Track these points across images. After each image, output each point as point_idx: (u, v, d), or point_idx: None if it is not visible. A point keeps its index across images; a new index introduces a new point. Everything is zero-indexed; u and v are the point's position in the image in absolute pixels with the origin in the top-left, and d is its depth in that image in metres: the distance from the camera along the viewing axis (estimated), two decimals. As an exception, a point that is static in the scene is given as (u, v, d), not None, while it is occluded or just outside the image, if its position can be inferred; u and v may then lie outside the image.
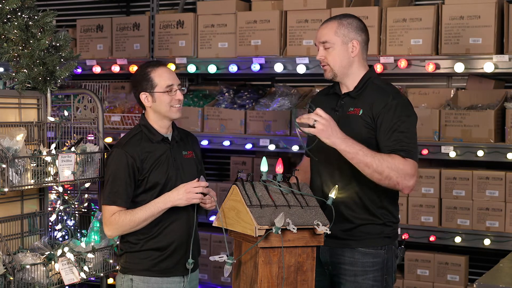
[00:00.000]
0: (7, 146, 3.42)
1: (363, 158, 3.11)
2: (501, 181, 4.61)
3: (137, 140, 3.45)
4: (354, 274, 3.30)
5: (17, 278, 3.39)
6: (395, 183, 3.15)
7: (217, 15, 5.26)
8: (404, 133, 3.21)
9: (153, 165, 3.41)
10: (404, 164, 3.14)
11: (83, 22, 5.83)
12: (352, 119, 3.30)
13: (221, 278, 5.40)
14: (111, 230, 3.42)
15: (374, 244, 3.30)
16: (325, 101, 3.45)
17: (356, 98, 3.34)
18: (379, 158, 3.12)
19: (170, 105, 3.42)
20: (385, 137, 3.22)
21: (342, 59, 3.33)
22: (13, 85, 3.75)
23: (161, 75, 3.43)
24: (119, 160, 3.40)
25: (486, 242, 4.59)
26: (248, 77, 5.89)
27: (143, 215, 3.35)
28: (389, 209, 3.34)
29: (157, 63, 3.51)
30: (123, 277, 3.50)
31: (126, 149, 3.42)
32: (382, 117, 3.23)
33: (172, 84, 3.42)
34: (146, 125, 3.48)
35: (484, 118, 4.56)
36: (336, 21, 3.35)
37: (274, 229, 2.86)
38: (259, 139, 5.10)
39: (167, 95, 3.41)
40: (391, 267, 3.35)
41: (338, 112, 3.35)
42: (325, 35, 3.33)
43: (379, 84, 3.37)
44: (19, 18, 3.66)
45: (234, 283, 3.15)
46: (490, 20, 4.50)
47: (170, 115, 3.45)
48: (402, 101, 3.29)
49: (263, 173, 3.10)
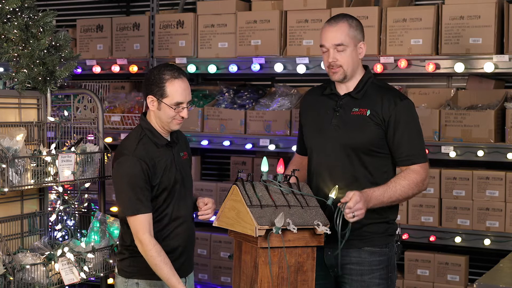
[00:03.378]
0: (7, 146, 3.42)
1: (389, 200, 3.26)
2: (501, 181, 4.61)
3: (143, 145, 3.34)
4: (361, 274, 3.32)
5: (17, 278, 3.39)
6: (418, 193, 3.38)
7: (217, 15, 5.26)
8: (414, 135, 3.33)
9: (163, 171, 3.33)
10: (416, 175, 3.30)
11: (83, 22, 5.83)
12: (359, 119, 3.32)
13: (221, 278, 5.39)
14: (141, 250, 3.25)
15: (380, 242, 3.35)
16: (323, 101, 3.45)
17: (359, 98, 3.35)
18: (399, 188, 3.27)
19: (172, 118, 3.34)
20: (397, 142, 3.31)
21: (354, 60, 3.34)
22: (13, 85, 3.75)
23: (176, 90, 3.29)
24: (134, 167, 3.25)
25: (486, 242, 4.59)
26: (248, 77, 5.89)
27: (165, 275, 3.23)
28: (391, 206, 3.37)
29: (178, 73, 3.33)
30: (127, 281, 3.39)
31: (137, 155, 3.28)
32: (393, 118, 3.30)
33: (182, 102, 3.32)
34: (149, 129, 3.37)
35: (484, 118, 4.56)
36: (346, 23, 3.34)
37: (275, 229, 2.86)
38: (259, 139, 5.09)
39: (172, 110, 3.32)
40: (394, 264, 3.41)
41: (339, 113, 3.36)
42: (339, 38, 3.30)
43: (379, 85, 3.41)
44: (19, 18, 3.66)
45: (234, 283, 3.15)
46: (490, 20, 4.50)
47: (170, 127, 3.36)
48: (409, 102, 3.37)
49: (264, 173, 3.10)
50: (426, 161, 3.35)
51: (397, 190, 3.26)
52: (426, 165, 3.34)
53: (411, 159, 3.31)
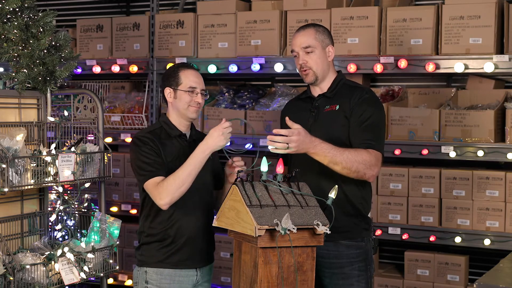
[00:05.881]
0: (7, 146, 3.42)
1: (332, 158, 3.34)
2: (501, 181, 4.61)
3: (156, 132, 3.55)
4: (341, 266, 3.49)
5: (17, 278, 3.39)
6: (362, 174, 3.40)
7: (217, 15, 5.26)
8: (372, 125, 3.47)
9: (171, 158, 3.48)
10: (369, 156, 3.40)
11: (83, 22, 5.83)
12: (330, 114, 3.54)
13: (221, 278, 5.39)
14: (162, 199, 3.37)
15: (355, 236, 3.51)
16: (300, 104, 3.71)
17: (331, 97, 3.59)
18: (347, 154, 3.36)
19: (188, 104, 3.54)
20: (355, 128, 3.47)
21: (323, 62, 3.59)
22: (13, 85, 3.75)
23: (188, 76, 3.57)
24: (144, 142, 3.46)
25: (486, 242, 4.59)
26: (248, 77, 5.89)
27: (186, 169, 3.36)
28: (366, 199, 3.57)
29: (190, 66, 3.68)
30: (139, 270, 3.56)
31: (148, 135, 3.50)
32: (356, 108, 3.49)
33: (195, 87, 3.56)
34: (166, 121, 3.59)
35: (484, 118, 4.56)
36: (313, 28, 3.60)
37: (282, 230, 2.87)
38: (259, 139, 5.09)
39: (188, 95, 3.53)
40: (371, 257, 3.58)
41: (314, 113, 3.59)
42: (307, 41, 3.56)
43: (351, 84, 3.65)
44: (19, 18, 3.66)
45: (234, 283, 3.15)
46: (490, 20, 4.50)
47: (187, 114, 3.55)
48: (373, 96, 3.57)
49: (263, 173, 3.11)
50: (381, 152, 3.48)
51: (344, 154, 3.34)
52: (380, 155, 3.46)
53: (370, 144, 3.43)
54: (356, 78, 5.07)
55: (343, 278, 3.48)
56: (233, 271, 3.16)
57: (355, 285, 3.49)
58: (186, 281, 3.52)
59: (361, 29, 4.81)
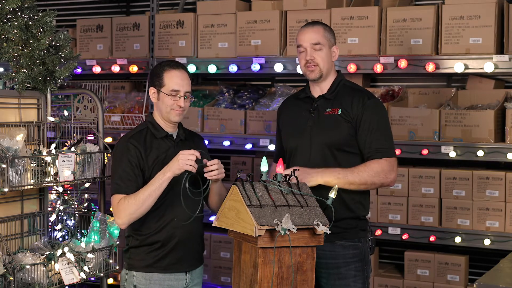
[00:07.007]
0: (7, 146, 3.42)
1: (344, 179, 3.39)
2: (501, 181, 4.61)
3: (142, 134, 3.49)
4: (337, 266, 3.50)
5: (17, 278, 3.39)
6: (380, 185, 3.51)
7: (217, 15, 5.26)
8: (379, 131, 3.49)
9: (156, 160, 3.43)
10: (380, 165, 3.44)
11: (83, 22, 5.83)
12: (332, 118, 3.52)
13: (221, 278, 5.39)
14: (120, 218, 3.38)
15: (352, 237, 3.52)
16: (298, 104, 3.67)
17: (331, 99, 3.57)
18: (357, 172, 3.42)
19: (170, 107, 3.44)
20: (364, 138, 3.48)
21: (329, 61, 3.58)
22: (13, 85, 3.75)
23: (172, 78, 3.44)
24: (123, 150, 3.43)
25: (486, 242, 4.59)
26: (248, 77, 5.89)
27: (146, 190, 3.33)
28: (363, 203, 3.56)
29: (176, 65, 3.50)
30: (127, 273, 3.52)
31: (131, 141, 3.45)
32: (361, 116, 3.49)
33: (178, 90, 3.44)
34: (152, 121, 3.53)
35: (484, 118, 4.56)
36: (321, 26, 3.60)
37: (282, 230, 2.86)
38: (259, 139, 5.10)
39: (169, 98, 3.44)
40: (368, 257, 3.59)
41: (314, 115, 3.57)
42: (316, 37, 3.55)
43: (351, 86, 3.63)
44: (19, 18, 3.65)
45: (234, 283, 3.15)
46: (490, 20, 4.50)
47: (169, 117, 3.47)
48: (375, 100, 3.56)
49: (263, 173, 3.10)
50: (393, 156, 3.51)
51: (354, 172, 3.40)
52: (392, 159, 3.49)
53: (380, 152, 3.47)
54: (356, 78, 5.07)
55: (339, 279, 3.50)
56: (233, 271, 3.16)
57: (352, 285, 3.50)
58: (176, 285, 3.47)
59: (361, 29, 4.81)
